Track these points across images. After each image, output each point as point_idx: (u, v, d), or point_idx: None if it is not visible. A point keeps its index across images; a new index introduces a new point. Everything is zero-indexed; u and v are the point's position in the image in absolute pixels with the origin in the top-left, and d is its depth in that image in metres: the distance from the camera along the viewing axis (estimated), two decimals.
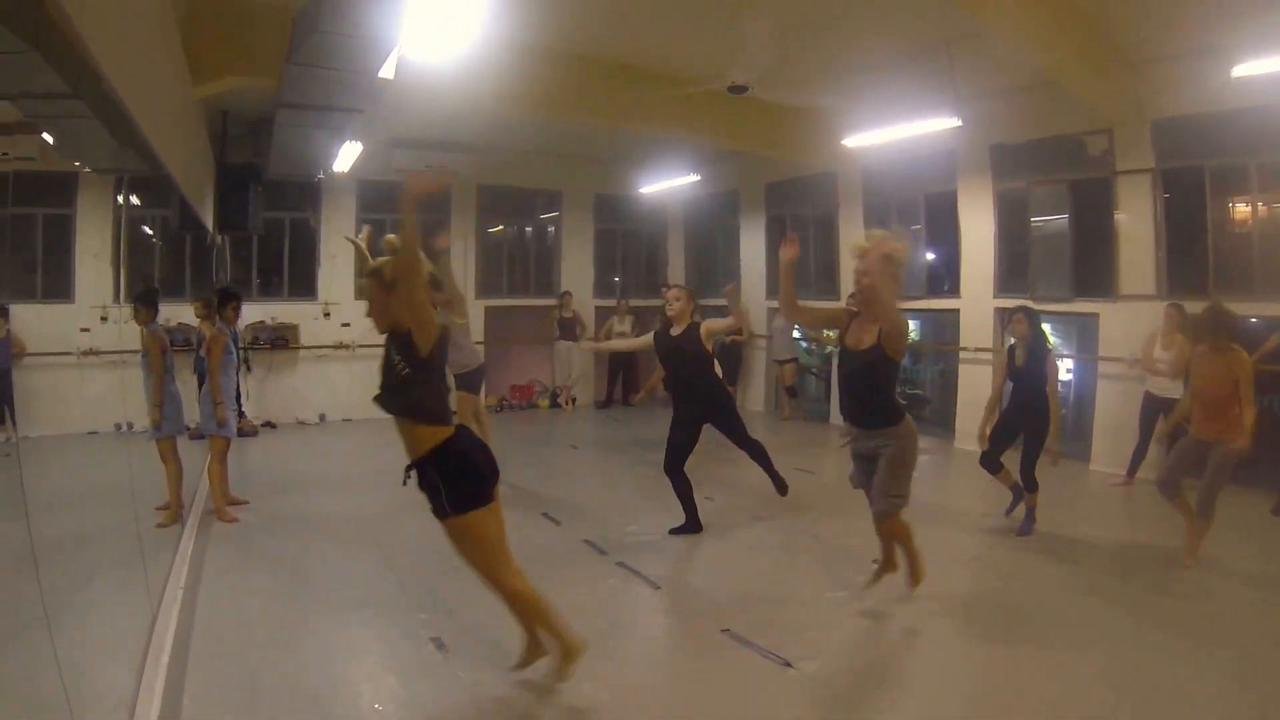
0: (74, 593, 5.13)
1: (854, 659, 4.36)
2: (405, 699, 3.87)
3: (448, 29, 5.52)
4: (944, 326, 10.95)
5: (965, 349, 10.09)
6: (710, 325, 6.35)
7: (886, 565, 5.01)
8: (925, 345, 12.15)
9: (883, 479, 4.65)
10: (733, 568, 5.84)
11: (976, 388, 9.55)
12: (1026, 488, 6.50)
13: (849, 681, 4.09)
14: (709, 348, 6.36)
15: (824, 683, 4.02)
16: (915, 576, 4.97)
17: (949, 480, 8.82)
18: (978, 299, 9.96)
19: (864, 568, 5.36)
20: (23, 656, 4.02)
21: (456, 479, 3.53)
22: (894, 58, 8.20)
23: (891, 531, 4.83)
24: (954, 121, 8.41)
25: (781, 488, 6.67)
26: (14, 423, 9.30)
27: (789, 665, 4.16)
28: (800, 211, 12.89)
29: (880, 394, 4.66)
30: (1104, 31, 7.48)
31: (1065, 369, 9.50)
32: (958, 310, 10.29)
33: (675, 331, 6.38)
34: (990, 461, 6.56)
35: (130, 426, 7.33)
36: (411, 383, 3.52)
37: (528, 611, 3.82)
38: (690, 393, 6.43)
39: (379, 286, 3.53)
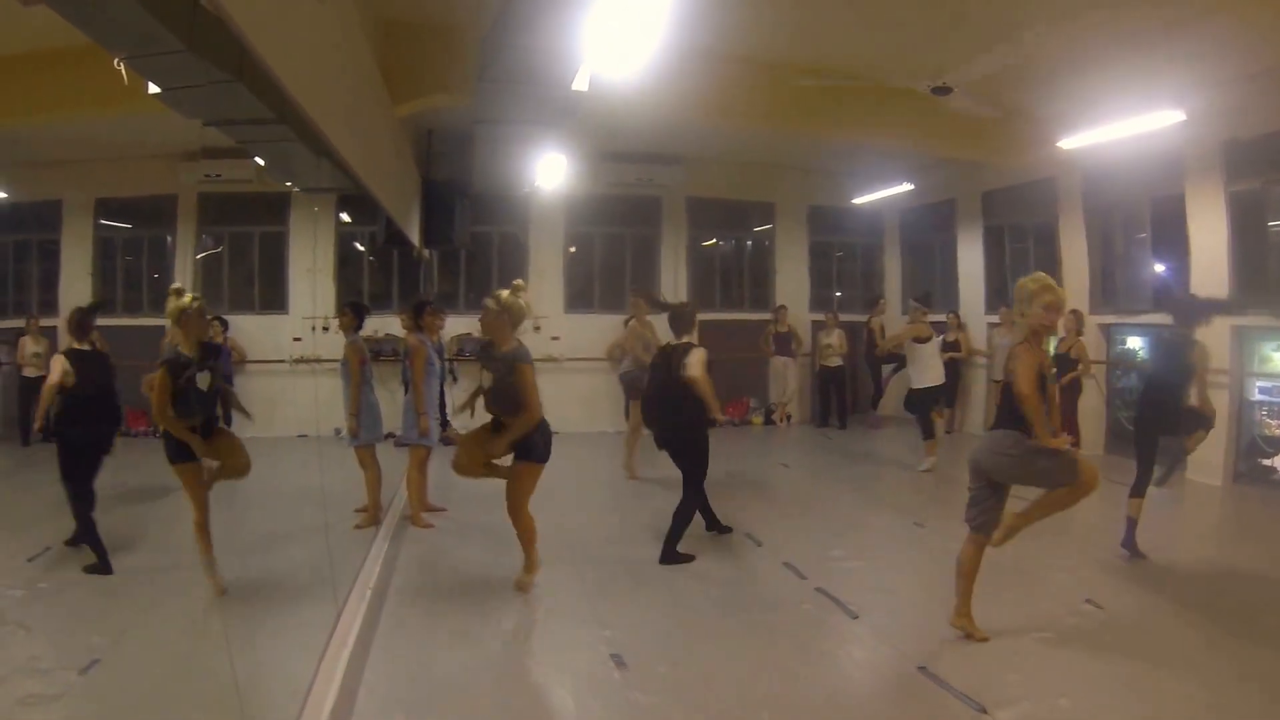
0: (267, 584, 5.45)
1: (1054, 711, 3.88)
2: (574, 713, 3.80)
3: (635, 39, 5.46)
4: None
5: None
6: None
7: None
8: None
9: None
10: (937, 600, 5.28)
11: None
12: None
13: None
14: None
15: None
16: None
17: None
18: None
19: (1074, 606, 5.00)
20: (207, 639, 4.33)
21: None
22: (1109, 47, 7.50)
23: None
24: (1178, 116, 7.58)
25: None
26: (229, 424, 10.11)
27: (984, 711, 3.79)
28: (1019, 221, 12.03)
29: None
30: None
31: None
32: None
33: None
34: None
35: (338, 432, 7.71)
36: None
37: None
38: None
39: None
